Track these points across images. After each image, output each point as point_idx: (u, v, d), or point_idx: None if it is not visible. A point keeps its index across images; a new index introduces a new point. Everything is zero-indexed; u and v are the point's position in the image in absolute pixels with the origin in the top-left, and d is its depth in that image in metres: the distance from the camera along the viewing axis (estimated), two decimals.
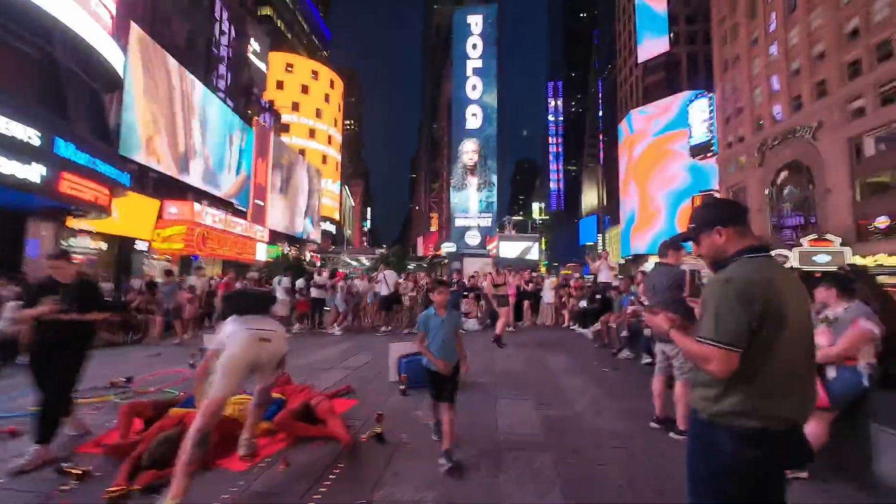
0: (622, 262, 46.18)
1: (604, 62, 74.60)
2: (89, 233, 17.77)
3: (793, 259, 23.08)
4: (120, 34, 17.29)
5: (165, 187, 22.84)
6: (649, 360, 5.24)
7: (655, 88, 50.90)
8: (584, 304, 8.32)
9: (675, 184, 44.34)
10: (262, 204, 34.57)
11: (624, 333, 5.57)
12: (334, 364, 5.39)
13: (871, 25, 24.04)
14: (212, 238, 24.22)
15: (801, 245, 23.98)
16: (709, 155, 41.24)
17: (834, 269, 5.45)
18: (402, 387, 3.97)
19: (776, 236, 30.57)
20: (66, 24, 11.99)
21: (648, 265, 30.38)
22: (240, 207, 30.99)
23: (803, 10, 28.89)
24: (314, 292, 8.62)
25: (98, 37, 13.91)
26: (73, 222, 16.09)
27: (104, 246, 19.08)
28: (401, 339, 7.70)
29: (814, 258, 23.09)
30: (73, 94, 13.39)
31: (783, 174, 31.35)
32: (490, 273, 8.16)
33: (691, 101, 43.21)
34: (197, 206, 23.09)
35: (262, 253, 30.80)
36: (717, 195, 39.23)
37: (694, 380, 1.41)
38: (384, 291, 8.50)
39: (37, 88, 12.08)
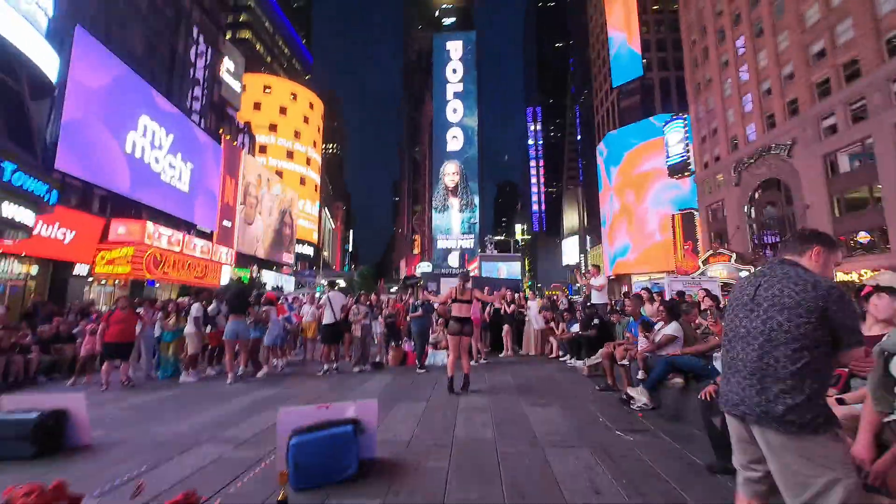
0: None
1: (580, 88, 76.54)
2: (17, 255, 15.55)
3: None
4: (59, 36, 15.70)
5: (116, 206, 20.81)
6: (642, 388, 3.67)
7: (630, 112, 51.87)
8: (576, 329, 6.79)
9: (666, 201, 43.92)
10: (229, 225, 32.49)
11: (639, 375, 4.01)
12: (212, 434, 3.60)
13: (837, 46, 24.50)
14: (167, 261, 22.05)
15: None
16: (686, 174, 41.46)
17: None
18: (281, 493, 2.25)
19: (759, 253, 30.17)
20: None
21: (637, 284, 29.35)
22: (203, 228, 28.90)
23: (770, 34, 29.58)
24: (190, 327, 6.72)
25: (26, 38, 12.34)
26: None
27: (34, 270, 16.75)
28: (341, 381, 6.04)
29: None
30: None
31: (759, 192, 31.36)
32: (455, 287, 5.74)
33: (666, 123, 43.80)
34: (150, 225, 21.00)
35: (227, 277, 28.54)
36: (696, 214, 39.24)
37: None
38: (328, 319, 6.73)
39: None
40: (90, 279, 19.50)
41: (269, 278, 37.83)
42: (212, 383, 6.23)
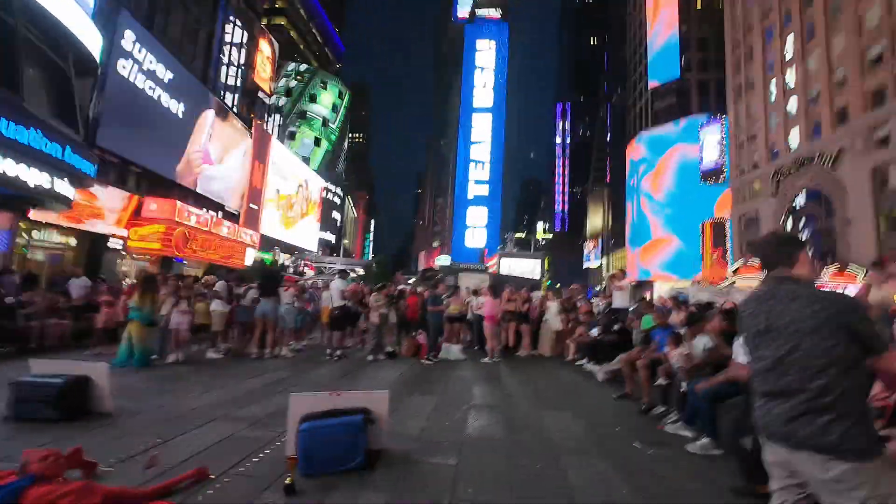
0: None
1: (613, 86, 74.36)
2: (56, 227, 16.29)
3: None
4: (104, 18, 16.25)
5: (150, 183, 21.53)
6: (706, 441, 3.18)
7: (665, 113, 50.13)
8: (595, 332, 6.60)
9: (687, 204, 42.58)
10: (255, 208, 33.21)
11: (660, 380, 3.78)
12: (226, 411, 3.65)
13: None
14: (196, 240, 22.64)
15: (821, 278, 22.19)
16: (720, 180, 39.89)
17: None
18: (288, 478, 2.23)
19: None
20: None
21: (661, 290, 28.45)
22: (231, 210, 29.64)
23: (822, 36, 27.88)
24: (216, 305, 6.86)
25: (74, 17, 12.71)
26: (37, 214, 14.63)
27: (73, 241, 17.53)
28: (356, 368, 6.07)
29: None
30: (32, 71, 12.10)
31: (799, 203, 29.82)
32: (507, 290, 8.30)
33: (703, 126, 42.16)
34: (180, 205, 21.61)
35: (251, 259, 29.21)
36: (727, 224, 37.71)
37: None
38: (331, 305, 6.83)
39: None
40: (123, 253, 20.24)
41: (290, 262, 38.56)
42: (231, 361, 6.38)
